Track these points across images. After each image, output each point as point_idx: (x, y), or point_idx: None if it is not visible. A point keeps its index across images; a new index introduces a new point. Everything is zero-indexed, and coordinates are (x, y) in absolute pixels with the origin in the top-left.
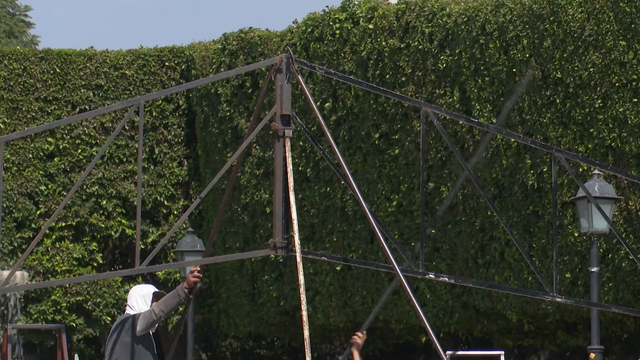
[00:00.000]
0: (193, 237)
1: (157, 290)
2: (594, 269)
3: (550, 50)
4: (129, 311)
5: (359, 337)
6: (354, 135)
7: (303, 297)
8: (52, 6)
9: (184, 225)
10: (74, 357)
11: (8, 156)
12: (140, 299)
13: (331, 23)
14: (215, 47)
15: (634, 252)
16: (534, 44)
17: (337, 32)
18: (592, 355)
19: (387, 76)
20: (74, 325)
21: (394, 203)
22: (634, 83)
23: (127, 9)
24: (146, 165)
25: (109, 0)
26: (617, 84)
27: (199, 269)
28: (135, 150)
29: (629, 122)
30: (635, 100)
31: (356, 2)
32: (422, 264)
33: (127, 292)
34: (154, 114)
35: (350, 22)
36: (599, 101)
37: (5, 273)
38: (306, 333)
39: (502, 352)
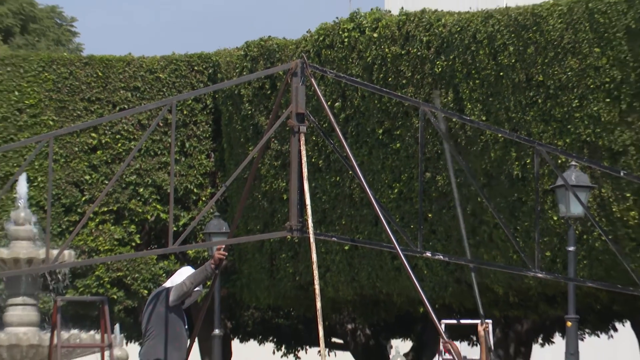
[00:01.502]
0: (219, 220)
1: (191, 270)
2: (571, 249)
3: (533, 56)
4: (165, 285)
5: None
6: (360, 131)
7: (315, 273)
8: (95, 17)
9: (211, 210)
10: (114, 326)
11: (57, 149)
12: (178, 275)
13: (340, 32)
14: (238, 53)
15: (606, 233)
16: (519, 50)
17: (346, 40)
18: (569, 323)
19: (390, 79)
20: (115, 297)
21: (396, 190)
22: (606, 85)
23: (162, 20)
24: (178, 157)
25: (145, 12)
26: (592, 86)
27: (224, 248)
28: (168, 144)
29: (602, 119)
30: (608, 100)
31: (362, 14)
32: (420, 244)
33: (161, 268)
34: (185, 112)
35: (357, 31)
36: (576, 101)
37: (55, 252)
38: (318, 305)
39: (490, 321)
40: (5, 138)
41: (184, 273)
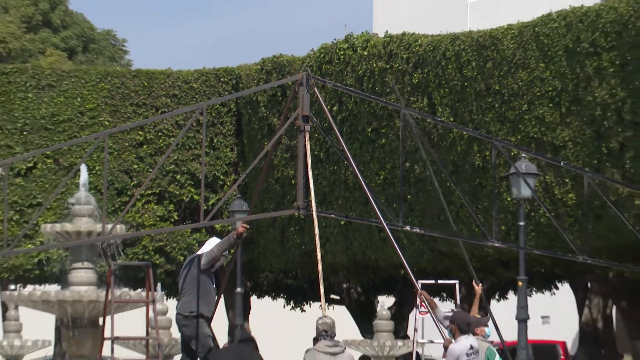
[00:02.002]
0: (240, 200)
1: (218, 241)
2: (521, 223)
3: (491, 70)
4: (198, 252)
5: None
6: (353, 130)
7: (317, 243)
8: (142, 38)
9: (234, 193)
10: (157, 286)
11: (111, 144)
12: (207, 245)
13: (337, 51)
14: (255, 67)
15: (549, 211)
16: (480, 65)
17: (342, 57)
18: (520, 283)
19: (377, 88)
20: (157, 262)
21: (382, 177)
22: (549, 93)
23: (194, 40)
24: (207, 151)
25: (181, 34)
26: (538, 94)
27: (245, 223)
28: (199, 140)
29: (546, 120)
30: (551, 105)
31: (355, 36)
32: (401, 220)
33: (194, 239)
34: (213, 114)
35: (351, 50)
36: (525, 106)
37: (109, 226)
38: (320, 268)
39: (457, 281)
40: (70, 135)
41: (213, 242)
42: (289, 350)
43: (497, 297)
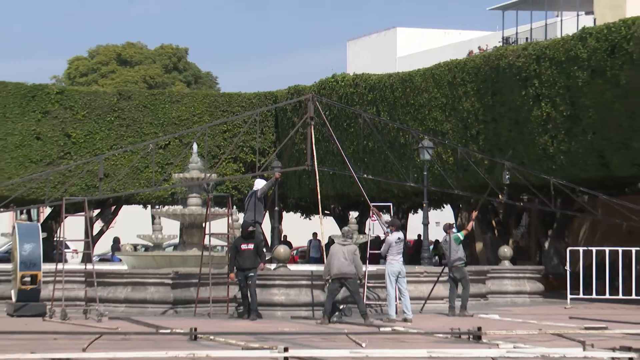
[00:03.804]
0: (277, 161)
1: (265, 182)
2: (425, 173)
3: (410, 92)
4: (254, 188)
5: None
6: (338, 123)
7: (317, 184)
8: (228, 75)
9: (275, 158)
10: (233, 207)
11: (209, 131)
12: (257, 183)
13: (328, 83)
14: (286, 91)
15: (440, 167)
16: (406, 91)
17: (331, 85)
18: (424, 204)
19: (348, 103)
20: (233, 194)
21: (352, 149)
22: (436, 102)
23: (264, 74)
24: (259, 135)
25: (253, 70)
26: (433, 105)
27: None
28: (255, 129)
29: (438, 119)
30: (440, 112)
31: (337, 75)
32: (362, 171)
33: (252, 181)
34: (262, 115)
35: (335, 82)
36: (426, 111)
37: (208, 175)
38: (318, 196)
39: (391, 204)
40: (188, 127)
41: (260, 182)
42: (298, 241)
43: (412, 212)
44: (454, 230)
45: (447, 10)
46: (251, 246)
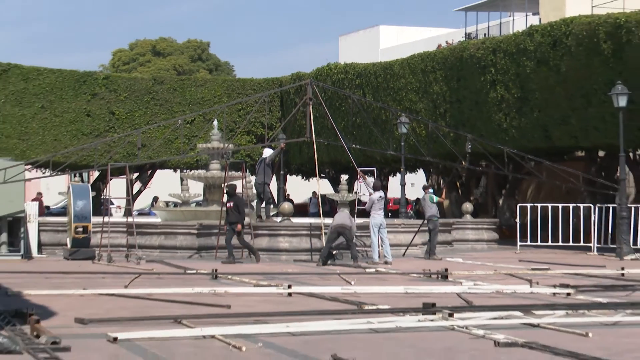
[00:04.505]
0: (282, 133)
1: (272, 150)
2: (402, 144)
3: (389, 79)
4: (263, 155)
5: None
6: (332, 104)
7: (315, 153)
8: (243, 63)
9: (281, 131)
10: (247, 171)
11: (227, 110)
12: (266, 152)
13: (324, 70)
14: (289, 77)
15: (414, 138)
16: (387, 78)
17: (326, 72)
18: (402, 169)
19: (339, 86)
20: (246, 160)
21: (342, 125)
22: (411, 86)
23: (271, 63)
24: (268, 112)
25: (263, 60)
26: (409, 88)
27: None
28: (265, 108)
29: (412, 100)
30: (413, 94)
31: (330, 63)
32: (351, 142)
33: (261, 150)
34: (271, 97)
35: (329, 70)
36: (403, 93)
37: (226, 145)
38: (316, 164)
39: (374, 168)
40: (209, 106)
41: (268, 151)
42: (299, 198)
43: (392, 175)
44: (430, 190)
45: (421, 11)
46: (231, 204)
